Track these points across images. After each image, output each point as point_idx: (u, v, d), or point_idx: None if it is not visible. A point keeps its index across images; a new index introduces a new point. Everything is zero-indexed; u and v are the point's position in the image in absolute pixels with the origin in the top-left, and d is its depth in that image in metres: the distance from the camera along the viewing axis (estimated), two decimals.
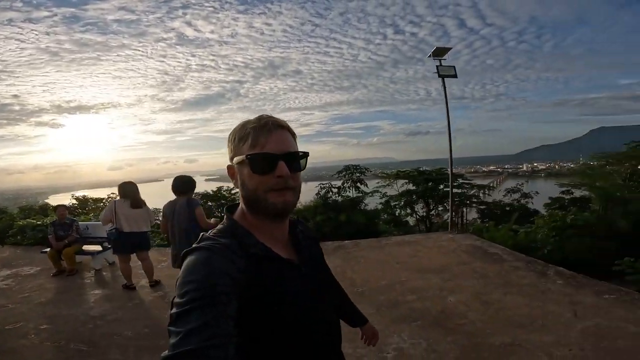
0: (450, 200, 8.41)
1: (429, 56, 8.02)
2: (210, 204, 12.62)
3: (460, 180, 17.83)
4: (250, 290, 0.72)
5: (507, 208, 21.62)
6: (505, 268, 4.56)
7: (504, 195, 22.76)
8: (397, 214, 18.61)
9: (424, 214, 17.56)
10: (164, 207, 3.84)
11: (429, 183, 16.06)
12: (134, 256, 4.73)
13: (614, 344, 2.69)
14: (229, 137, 0.87)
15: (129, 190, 4.63)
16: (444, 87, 7.70)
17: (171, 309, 0.64)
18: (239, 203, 0.89)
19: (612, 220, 5.77)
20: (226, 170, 0.90)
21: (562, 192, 19.49)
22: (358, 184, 11.60)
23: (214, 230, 0.83)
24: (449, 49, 7.80)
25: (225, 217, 0.88)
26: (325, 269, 1.05)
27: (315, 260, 0.97)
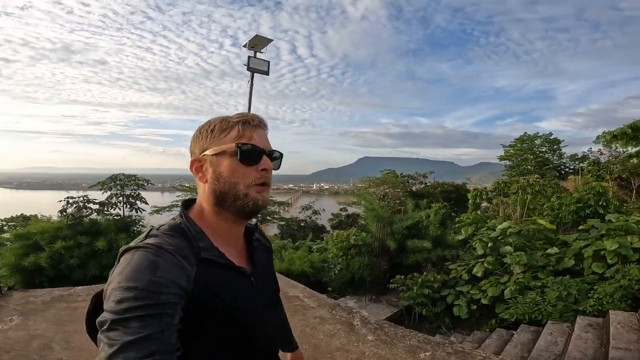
0: None
1: (244, 46, 6.83)
2: None
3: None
4: (198, 300, 0.66)
5: (302, 224, 24.14)
6: (310, 323, 3.91)
7: (299, 212, 25.23)
8: None
9: None
10: None
11: None
12: None
13: None
14: (199, 131, 0.80)
15: None
16: (251, 83, 6.85)
17: (102, 312, 0.58)
18: (195, 198, 0.83)
19: (382, 239, 6.73)
20: None
21: (340, 210, 23.58)
22: (133, 200, 8.84)
23: (165, 226, 0.75)
24: (270, 40, 6.84)
25: (180, 212, 0.79)
26: (276, 282, 0.95)
27: (267, 273, 0.91)
